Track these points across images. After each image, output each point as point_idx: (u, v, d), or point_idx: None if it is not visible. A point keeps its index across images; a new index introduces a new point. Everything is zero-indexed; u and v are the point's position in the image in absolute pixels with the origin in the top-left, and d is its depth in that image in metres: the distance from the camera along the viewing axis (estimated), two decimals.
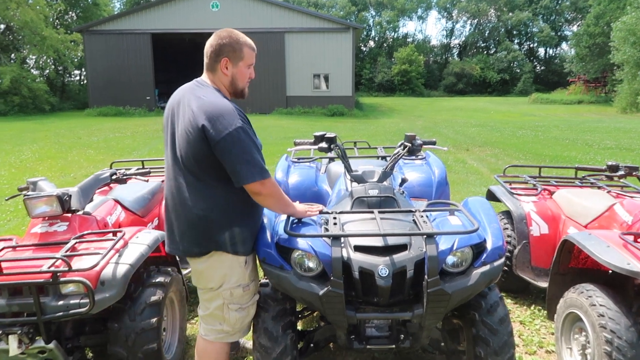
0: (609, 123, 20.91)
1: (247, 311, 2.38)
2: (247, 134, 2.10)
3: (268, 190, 2.18)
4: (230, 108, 2.12)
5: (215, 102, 2.13)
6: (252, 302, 2.41)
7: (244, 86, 2.34)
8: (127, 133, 16.11)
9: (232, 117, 2.09)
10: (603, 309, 2.41)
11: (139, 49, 25.40)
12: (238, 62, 2.26)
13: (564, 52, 56.63)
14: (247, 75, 2.32)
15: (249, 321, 2.43)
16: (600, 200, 3.40)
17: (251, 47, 2.31)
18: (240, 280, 2.31)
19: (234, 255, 2.26)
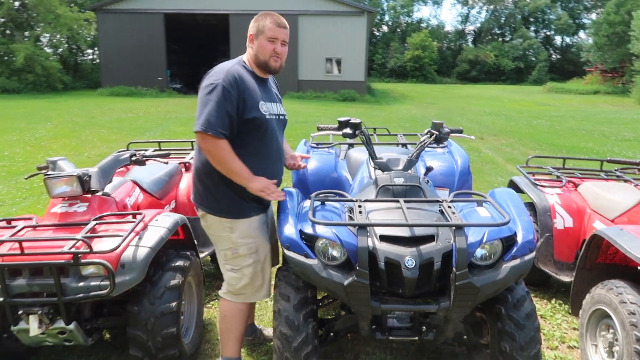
0: (626, 114, 20.56)
1: (240, 273, 2.52)
2: (219, 91, 2.28)
3: (207, 145, 2.32)
4: (223, 69, 2.36)
5: (219, 65, 2.42)
6: (246, 266, 2.51)
7: (267, 59, 2.45)
8: (139, 113, 16.10)
9: (218, 75, 2.33)
10: (634, 307, 2.35)
11: (152, 29, 25.27)
12: (259, 35, 2.44)
13: (581, 41, 55.61)
14: (268, 48, 2.43)
15: (245, 283, 2.54)
16: (628, 194, 3.31)
17: (274, 22, 2.43)
18: (228, 244, 2.49)
19: (217, 217, 2.48)
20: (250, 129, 2.41)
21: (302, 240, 2.28)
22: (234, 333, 2.65)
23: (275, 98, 2.63)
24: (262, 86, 2.51)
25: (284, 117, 2.67)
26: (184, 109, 17.92)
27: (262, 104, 2.44)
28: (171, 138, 10.71)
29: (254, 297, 2.62)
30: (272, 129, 2.50)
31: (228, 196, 2.46)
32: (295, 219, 2.41)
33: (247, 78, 2.42)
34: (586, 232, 3.47)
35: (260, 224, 2.57)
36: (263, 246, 2.57)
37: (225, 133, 2.30)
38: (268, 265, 2.63)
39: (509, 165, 8.77)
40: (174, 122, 13.80)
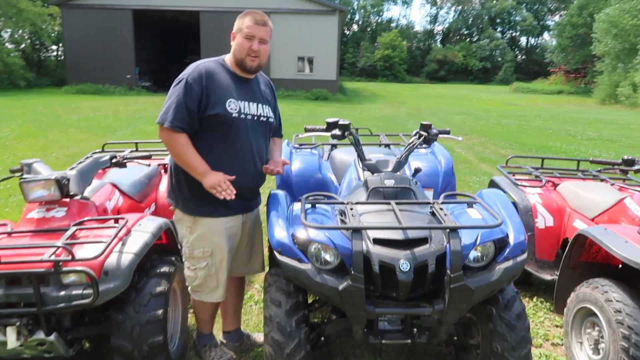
0: (589, 114, 21.25)
1: (194, 273, 2.60)
2: (182, 85, 2.36)
3: (164, 137, 2.41)
4: (193, 65, 2.45)
5: (198, 61, 2.50)
6: (200, 268, 2.58)
7: (243, 57, 2.46)
8: (108, 112, 15.67)
9: (187, 70, 2.42)
10: (620, 305, 2.40)
11: (120, 25, 24.62)
12: (238, 33, 2.46)
13: (545, 42, 57.19)
14: (244, 45, 2.43)
15: (198, 284, 2.62)
16: (607, 193, 3.39)
17: (253, 19, 2.43)
18: (186, 242, 2.59)
19: (181, 212, 2.57)
20: (213, 125, 2.42)
21: (294, 245, 2.24)
22: (206, 318, 2.85)
23: (258, 99, 2.59)
24: (240, 85, 2.51)
25: (266, 119, 2.62)
26: (154, 107, 17.54)
27: (232, 101, 2.43)
28: (142, 137, 10.46)
29: (208, 298, 2.67)
30: (242, 128, 2.47)
31: (190, 193, 2.52)
32: (286, 222, 2.36)
33: (219, 75, 2.44)
34: (566, 231, 3.54)
35: (221, 228, 2.56)
36: (219, 251, 2.57)
37: (182, 126, 2.35)
38: (224, 268, 2.62)
39: (483, 165, 8.92)
40: (145, 121, 13.48)
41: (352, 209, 2.30)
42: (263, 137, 2.63)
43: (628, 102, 26.94)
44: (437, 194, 3.43)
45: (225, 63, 2.53)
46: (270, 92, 2.73)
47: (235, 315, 3.03)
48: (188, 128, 2.38)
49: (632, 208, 3.07)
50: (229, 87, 2.46)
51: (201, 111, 2.39)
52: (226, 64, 2.53)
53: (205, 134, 2.44)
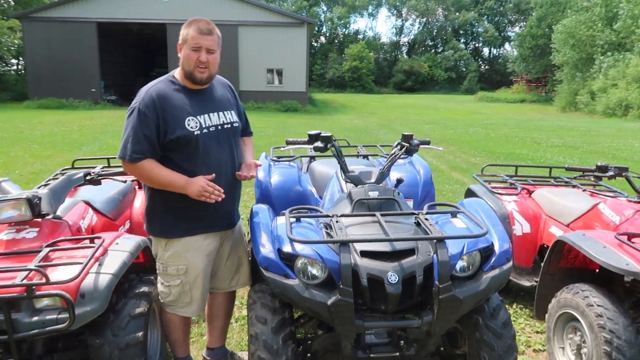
0: (551, 122, 21.94)
1: (168, 289, 2.55)
2: (135, 114, 2.29)
3: (129, 170, 2.38)
4: (143, 90, 2.36)
5: (145, 85, 2.40)
6: (174, 285, 2.53)
7: (190, 69, 2.35)
8: (73, 127, 15.25)
9: (138, 97, 2.34)
10: (601, 309, 2.44)
11: (84, 38, 24.12)
12: (184, 44, 2.35)
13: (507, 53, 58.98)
14: (192, 57, 2.32)
15: (172, 300, 2.57)
16: (581, 199, 3.47)
17: (197, 30, 2.32)
18: (161, 259, 2.54)
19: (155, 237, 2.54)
20: (178, 147, 2.35)
21: (281, 260, 2.19)
22: (179, 340, 2.74)
23: (217, 107, 2.51)
24: (195, 99, 2.41)
25: (231, 125, 2.54)
26: (120, 121, 17.05)
27: (191, 119, 2.36)
28: (111, 152, 10.16)
29: (182, 312, 2.63)
30: (207, 143, 2.41)
31: (164, 217, 2.48)
32: (271, 237, 2.32)
33: (171, 95, 2.35)
34: (543, 237, 3.61)
35: (197, 245, 2.51)
36: (194, 268, 2.52)
37: (143, 156, 2.30)
38: (199, 285, 2.57)
39: (454, 173, 9.06)
40: (112, 136, 13.17)
41: (337, 222, 2.27)
42: (231, 145, 2.55)
43: (587, 110, 28.00)
44: (417, 204, 3.45)
45: (175, 79, 2.44)
46: (230, 94, 2.66)
47: (222, 332, 2.91)
48: (151, 155, 2.32)
49: (606, 213, 3.14)
50: (185, 105, 2.37)
51: (161, 137, 2.32)
52: (177, 80, 2.43)
53: (172, 157, 2.37)
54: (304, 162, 3.92)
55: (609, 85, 26.58)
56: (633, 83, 24.88)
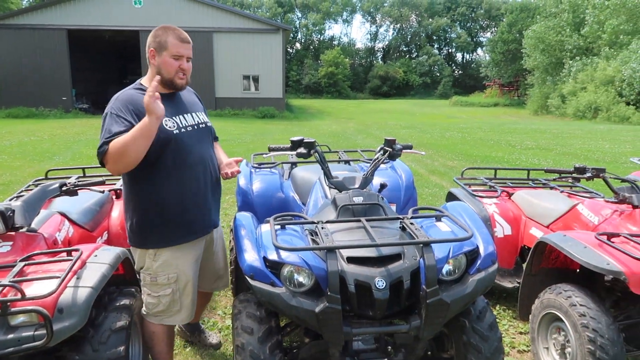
0: (524, 125, 22.38)
1: (157, 300, 2.51)
2: (108, 117, 2.25)
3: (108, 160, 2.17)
4: (113, 98, 2.33)
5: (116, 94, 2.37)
6: (163, 295, 2.49)
7: (171, 77, 2.37)
8: (44, 136, 14.88)
9: (109, 105, 2.31)
10: (584, 309, 2.47)
11: (54, 46, 23.62)
12: (162, 52, 2.33)
13: (479, 58, 60.10)
14: (172, 65, 2.34)
15: (161, 310, 2.52)
16: (559, 201, 3.52)
17: (178, 38, 2.34)
18: (149, 270, 2.48)
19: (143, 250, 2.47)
20: (158, 149, 2.30)
21: (267, 268, 2.16)
22: (162, 353, 2.68)
23: (190, 109, 2.53)
24: (166, 102, 2.32)
25: (205, 125, 2.58)
26: (93, 130, 16.85)
27: (167, 119, 2.35)
28: (84, 162, 9.98)
29: (170, 321, 2.58)
30: (186, 142, 2.41)
31: (150, 225, 2.42)
32: (256, 245, 2.28)
33: (141, 100, 2.23)
34: (523, 238, 3.65)
35: (186, 252, 2.51)
36: (184, 275, 2.51)
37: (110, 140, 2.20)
38: (189, 291, 2.56)
39: (433, 177, 9.14)
40: (85, 145, 12.90)
41: (323, 228, 2.25)
42: (208, 144, 2.59)
43: (558, 113, 28.69)
44: (400, 209, 3.45)
45: (143, 86, 2.42)
46: (196, 98, 2.70)
47: (198, 309, 2.92)
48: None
49: (584, 214, 3.20)
50: None
51: None
52: (144, 87, 2.40)
53: (152, 162, 2.32)
54: (285, 169, 3.89)
55: (579, 89, 27.33)
56: (601, 86, 25.62)
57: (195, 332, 3.14)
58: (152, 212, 2.40)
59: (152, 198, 2.39)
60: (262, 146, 12.05)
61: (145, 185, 2.38)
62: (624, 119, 23.78)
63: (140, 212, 2.42)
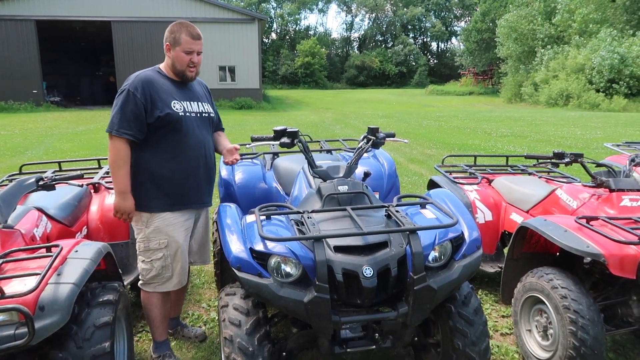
0: (499, 112, 22.71)
1: (150, 265, 2.71)
2: (124, 95, 2.52)
3: (110, 144, 2.55)
4: (133, 75, 2.59)
5: (136, 72, 2.63)
6: (155, 259, 2.69)
7: (182, 69, 2.66)
8: (14, 131, 14.46)
9: (127, 81, 2.57)
10: (565, 291, 2.52)
11: (22, 38, 22.90)
12: (176, 47, 2.62)
13: (454, 47, 60.58)
14: (184, 59, 2.64)
15: (154, 275, 2.72)
16: (538, 186, 3.59)
17: (190, 35, 2.63)
18: (142, 236, 2.69)
19: (138, 212, 2.67)
20: (163, 126, 2.58)
21: (253, 259, 2.14)
22: (157, 319, 2.85)
23: (197, 98, 2.79)
24: (179, 88, 2.70)
25: (208, 115, 2.82)
26: (66, 123, 16.45)
27: (176, 102, 2.62)
28: (58, 156, 9.74)
29: (163, 288, 2.77)
30: (189, 125, 2.67)
31: (146, 191, 2.64)
32: (242, 237, 2.26)
33: (158, 81, 2.62)
34: (504, 224, 3.71)
35: (177, 221, 2.71)
36: (174, 242, 2.71)
37: (129, 133, 2.51)
38: (179, 258, 2.75)
39: (412, 165, 9.21)
40: (58, 139, 12.58)
41: (309, 218, 2.24)
42: (208, 132, 2.84)
43: (531, 100, 29.19)
44: (383, 197, 3.46)
45: (161, 70, 2.72)
46: (206, 91, 2.96)
47: (176, 303, 3.19)
48: (137, 134, 2.53)
49: (563, 198, 3.26)
50: (170, 91, 2.64)
51: (148, 116, 2.54)
52: (163, 71, 2.71)
53: (157, 137, 2.60)
54: (267, 159, 3.86)
55: (551, 77, 27.81)
56: (572, 74, 26.13)
57: (177, 327, 3.23)
58: (147, 180, 2.63)
59: (148, 167, 2.62)
60: (241, 137, 11.95)
61: (145, 154, 2.61)
62: (594, 106, 24.34)
63: (138, 178, 2.62)
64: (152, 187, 2.64)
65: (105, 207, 3.43)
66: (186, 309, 3.54)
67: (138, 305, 3.54)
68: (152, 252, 2.69)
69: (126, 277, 3.29)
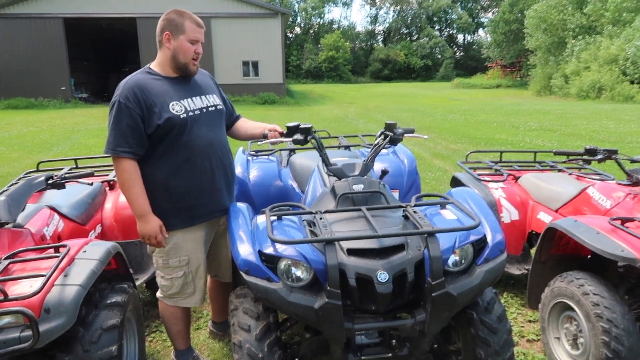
0: (528, 106, 22.10)
1: (170, 282, 2.53)
2: (117, 108, 2.25)
3: (117, 166, 2.31)
4: (121, 84, 2.31)
5: (125, 79, 2.35)
6: (176, 277, 2.51)
7: (187, 61, 2.37)
8: (43, 127, 14.75)
9: (117, 91, 2.29)
10: (597, 298, 2.36)
11: (51, 35, 23.36)
12: (179, 35, 2.32)
13: (481, 39, 59.38)
14: (189, 49, 2.35)
15: (175, 292, 2.55)
16: (569, 184, 3.39)
17: (195, 22, 2.36)
18: (160, 252, 2.49)
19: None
20: (165, 134, 2.33)
21: (262, 263, 2.04)
22: (176, 329, 2.69)
23: (200, 91, 2.51)
24: (177, 86, 2.41)
25: (215, 108, 2.54)
26: (93, 119, 16.73)
27: (175, 104, 2.35)
28: (83, 152, 9.88)
29: (185, 303, 2.61)
30: (194, 127, 2.40)
31: (160, 208, 2.40)
32: (251, 238, 2.16)
33: (150, 84, 2.34)
34: (531, 224, 3.52)
35: (197, 235, 2.53)
36: (196, 258, 2.54)
37: (128, 150, 2.27)
38: (201, 274, 2.60)
39: (436, 161, 8.99)
40: (85, 135, 12.78)
41: (322, 219, 2.12)
42: (219, 128, 2.58)
43: (561, 93, 28.33)
44: (403, 195, 3.33)
45: (152, 70, 2.42)
46: (210, 80, 2.67)
47: (224, 308, 2.98)
48: (137, 149, 2.30)
49: (595, 197, 3.07)
50: (166, 92, 2.36)
51: (147, 125, 2.29)
52: (154, 71, 2.42)
53: (162, 147, 2.36)
54: (283, 156, 3.76)
55: (582, 68, 26.92)
56: (605, 65, 25.23)
57: (228, 329, 3.04)
58: (159, 196, 2.40)
59: (158, 182, 2.39)
60: None
61: (152, 170, 2.38)
62: (628, 98, 23.45)
63: (149, 196, 2.38)
64: (168, 203, 2.41)
65: (119, 204, 3.39)
66: (201, 308, 3.47)
67: (153, 305, 3.51)
68: (171, 270, 2.51)
69: (140, 276, 3.25)
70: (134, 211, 2.37)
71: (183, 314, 2.67)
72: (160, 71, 2.41)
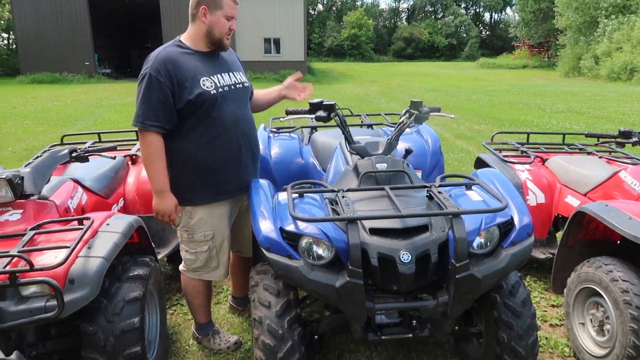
0: (555, 87, 21.53)
1: (195, 256, 2.56)
2: (147, 81, 2.23)
3: (142, 139, 2.30)
4: (152, 56, 2.29)
5: (153, 52, 2.33)
6: (201, 251, 2.54)
7: (221, 36, 2.37)
8: (67, 102, 14.96)
9: (147, 63, 2.28)
10: (627, 285, 2.28)
11: (75, 10, 23.53)
12: (216, 11, 2.31)
13: (508, 17, 57.76)
14: (225, 25, 2.35)
15: (199, 266, 2.58)
16: (599, 167, 3.28)
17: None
18: (186, 227, 2.51)
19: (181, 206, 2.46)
20: (194, 109, 2.33)
21: (283, 240, 2.03)
22: (198, 303, 2.73)
23: (228, 68, 2.51)
24: (207, 61, 2.41)
25: (243, 85, 2.56)
26: (116, 94, 16.88)
27: (205, 79, 2.34)
28: (106, 126, 9.99)
29: (209, 277, 2.64)
30: (223, 103, 2.40)
31: (186, 183, 2.44)
32: (273, 215, 2.14)
33: (181, 58, 2.32)
34: (558, 207, 3.44)
35: (221, 211, 2.54)
36: (220, 233, 2.56)
37: (156, 124, 2.26)
38: (225, 249, 2.62)
39: (459, 142, 8.84)
40: (108, 110, 12.91)
41: (344, 197, 2.09)
42: (246, 106, 2.59)
43: (591, 74, 27.47)
44: (426, 175, 3.27)
45: (182, 44, 2.40)
46: (236, 58, 2.67)
47: (245, 283, 2.98)
48: (166, 124, 2.29)
49: (628, 182, 2.96)
50: (197, 67, 2.35)
51: (176, 100, 2.28)
52: (184, 44, 2.40)
53: (191, 122, 2.36)
54: (305, 133, 3.73)
55: (614, 49, 25.98)
56: (638, 46, 24.32)
57: (247, 304, 3.07)
58: (186, 171, 2.42)
59: (186, 157, 2.40)
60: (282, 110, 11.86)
61: (180, 145, 2.38)
62: None
63: (176, 171, 2.42)
64: (195, 178, 2.43)
65: (141, 179, 3.41)
66: (221, 283, 3.50)
67: (174, 278, 3.55)
68: (196, 244, 2.53)
69: (162, 249, 3.28)
70: (152, 186, 2.37)
71: (205, 288, 2.70)
72: (191, 44, 2.39)
